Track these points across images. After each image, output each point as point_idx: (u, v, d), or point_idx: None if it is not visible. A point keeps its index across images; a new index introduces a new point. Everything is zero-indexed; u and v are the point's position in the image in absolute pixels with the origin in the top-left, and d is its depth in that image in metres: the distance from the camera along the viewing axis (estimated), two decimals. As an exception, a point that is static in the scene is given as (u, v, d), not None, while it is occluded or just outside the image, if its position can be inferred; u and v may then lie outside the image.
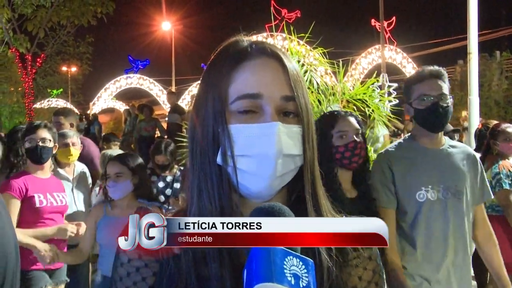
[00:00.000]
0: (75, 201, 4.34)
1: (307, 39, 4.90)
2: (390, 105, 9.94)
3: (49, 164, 3.89)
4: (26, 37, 12.87)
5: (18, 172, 3.84)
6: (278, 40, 13.46)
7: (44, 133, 3.70)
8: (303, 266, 0.78)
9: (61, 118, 5.19)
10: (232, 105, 0.99)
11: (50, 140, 3.73)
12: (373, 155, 4.17)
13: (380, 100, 4.81)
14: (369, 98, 4.46)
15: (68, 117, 5.26)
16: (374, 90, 4.61)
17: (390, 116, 4.99)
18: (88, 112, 25.10)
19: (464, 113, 12.57)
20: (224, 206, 0.99)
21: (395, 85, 16.72)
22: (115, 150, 5.67)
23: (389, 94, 16.25)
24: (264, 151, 0.95)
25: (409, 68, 19.98)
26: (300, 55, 4.83)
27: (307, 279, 0.76)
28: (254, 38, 1.10)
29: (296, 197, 1.04)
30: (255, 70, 1.00)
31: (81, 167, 4.61)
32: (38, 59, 13.33)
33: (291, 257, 0.78)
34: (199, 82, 1.10)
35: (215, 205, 0.99)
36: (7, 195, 3.46)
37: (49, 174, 3.89)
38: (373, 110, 4.49)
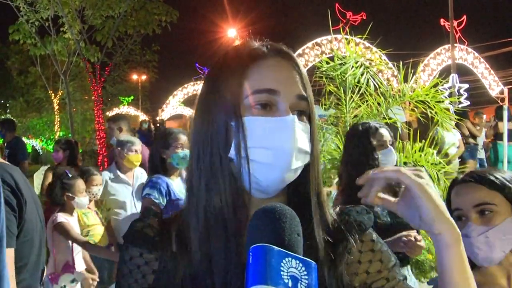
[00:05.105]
0: (135, 204, 4.49)
1: (372, 41, 4.79)
2: (461, 107, 9.47)
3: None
4: (97, 47, 13.43)
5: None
6: (343, 43, 13.22)
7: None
8: (303, 268, 0.74)
9: (110, 123, 5.95)
10: (247, 99, 1.00)
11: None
12: (434, 158, 4.00)
13: (450, 102, 4.61)
14: (431, 99, 4.27)
15: (116, 122, 5.81)
16: (437, 91, 4.41)
17: (456, 118, 4.76)
18: (157, 118, 25.98)
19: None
20: (235, 201, 1.00)
21: (465, 85, 15.97)
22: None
23: (460, 95, 15.50)
24: (282, 143, 0.97)
25: (481, 68, 19.00)
26: (359, 56, 4.72)
27: (306, 281, 0.73)
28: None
29: (298, 197, 1.07)
30: (272, 68, 1.03)
31: (140, 171, 4.74)
32: (107, 68, 13.84)
33: (290, 258, 0.74)
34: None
35: (225, 201, 1.00)
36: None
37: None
38: (436, 112, 4.30)
